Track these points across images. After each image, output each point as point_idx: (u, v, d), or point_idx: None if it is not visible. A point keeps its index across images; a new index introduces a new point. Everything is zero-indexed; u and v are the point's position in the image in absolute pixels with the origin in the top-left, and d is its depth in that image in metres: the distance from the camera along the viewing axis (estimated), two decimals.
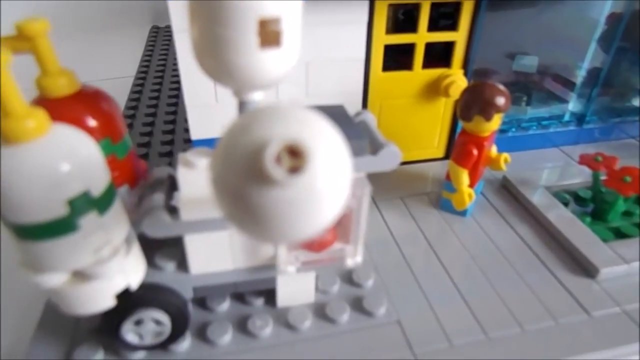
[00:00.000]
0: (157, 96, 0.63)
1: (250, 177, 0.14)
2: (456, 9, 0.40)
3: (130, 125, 0.55)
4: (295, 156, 0.14)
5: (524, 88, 0.52)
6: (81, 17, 0.98)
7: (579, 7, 0.49)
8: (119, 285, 0.24)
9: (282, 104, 0.16)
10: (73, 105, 0.24)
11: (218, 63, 0.20)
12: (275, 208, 0.15)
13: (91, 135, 0.24)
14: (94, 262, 0.22)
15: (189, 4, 0.20)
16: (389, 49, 0.40)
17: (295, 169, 0.14)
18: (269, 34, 0.19)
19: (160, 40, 0.86)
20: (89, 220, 0.21)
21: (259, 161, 0.14)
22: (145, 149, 0.50)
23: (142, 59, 0.77)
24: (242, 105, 0.22)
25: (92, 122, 0.25)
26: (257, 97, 0.22)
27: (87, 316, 0.24)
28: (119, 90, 0.66)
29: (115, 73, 0.76)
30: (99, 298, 0.23)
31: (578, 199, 0.42)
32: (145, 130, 0.54)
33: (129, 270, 0.24)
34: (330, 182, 0.15)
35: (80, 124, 0.24)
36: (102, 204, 0.22)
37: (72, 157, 0.20)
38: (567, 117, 0.52)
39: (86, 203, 0.21)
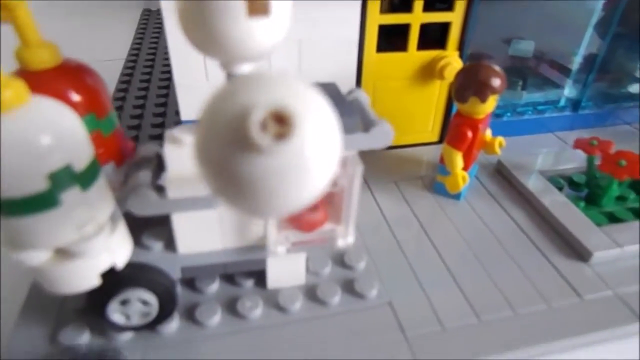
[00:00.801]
0: (148, 79, 0.62)
1: (235, 145, 0.14)
2: None
3: (120, 108, 0.54)
4: (281, 123, 0.14)
5: (520, 73, 0.52)
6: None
7: None
8: (104, 264, 0.23)
9: (268, 71, 0.15)
10: (55, 79, 0.23)
11: (205, 33, 0.19)
12: (261, 177, 0.14)
13: (75, 110, 0.23)
14: (78, 239, 0.21)
15: None
16: (384, 31, 0.40)
17: (281, 136, 0.13)
18: (257, 3, 0.18)
19: (151, 24, 0.85)
20: (71, 195, 0.20)
21: (244, 128, 0.13)
22: (136, 131, 0.50)
23: (133, 42, 0.75)
24: (230, 78, 0.22)
25: (75, 97, 0.24)
26: (245, 69, 0.21)
27: (73, 296, 0.24)
28: (110, 73, 0.64)
29: (106, 55, 0.75)
30: (84, 277, 0.23)
31: (572, 184, 0.41)
32: (136, 113, 0.53)
33: (115, 249, 0.23)
34: (318, 149, 0.14)
35: (62, 98, 0.23)
36: (84, 179, 0.21)
37: (53, 129, 0.19)
38: (562, 103, 0.52)
39: (68, 177, 0.20)
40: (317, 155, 0.14)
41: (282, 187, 0.14)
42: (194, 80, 0.36)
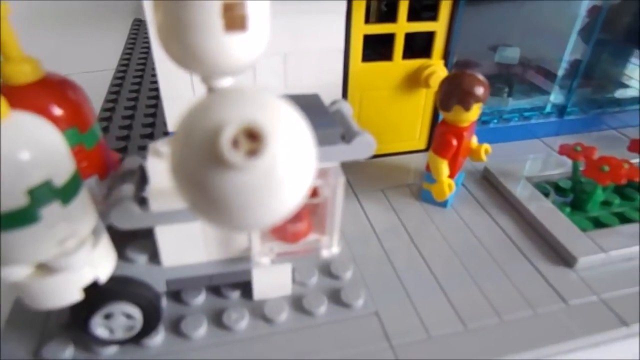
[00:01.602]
0: (137, 89, 0.62)
1: (208, 162, 0.14)
2: (437, 0, 0.40)
3: (109, 118, 0.54)
4: (253, 139, 0.14)
5: (506, 79, 0.52)
6: (63, 9, 0.96)
7: None
8: (86, 278, 0.23)
9: (242, 87, 0.15)
10: (36, 93, 0.24)
11: (183, 48, 0.19)
12: (234, 193, 0.14)
13: (57, 124, 0.23)
14: (59, 254, 0.22)
15: None
16: (370, 40, 0.40)
17: (253, 152, 0.14)
18: (234, 18, 0.19)
19: (142, 34, 0.85)
20: (51, 210, 0.20)
21: (216, 145, 0.13)
22: (124, 142, 0.50)
23: (123, 52, 0.75)
24: (210, 92, 0.22)
25: (57, 111, 0.24)
26: (225, 83, 0.22)
27: (58, 310, 0.24)
28: (99, 83, 0.65)
29: (96, 66, 0.75)
30: (65, 291, 0.23)
31: (558, 190, 0.42)
32: (125, 124, 0.53)
33: (97, 263, 0.23)
34: (291, 165, 0.14)
35: (44, 112, 0.24)
36: (65, 194, 0.21)
37: (32, 145, 0.19)
38: (548, 109, 0.52)
39: (48, 193, 0.20)
40: (289, 170, 0.14)
41: (255, 202, 0.14)
42: (181, 92, 0.37)
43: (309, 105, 0.27)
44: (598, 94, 0.54)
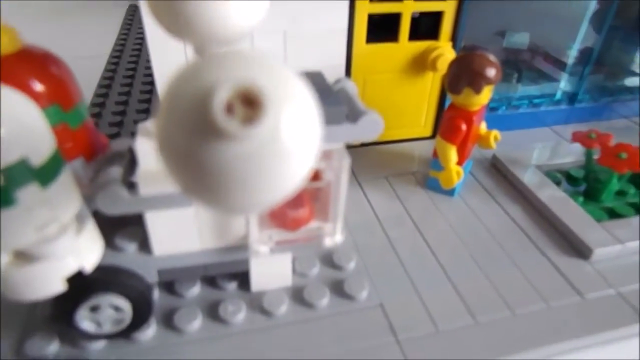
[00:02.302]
0: (132, 75, 0.60)
1: (198, 132, 0.12)
2: None
3: (102, 104, 0.52)
4: (250, 105, 0.12)
5: (515, 65, 0.50)
6: None
7: None
8: (69, 268, 0.21)
9: (236, 48, 0.13)
10: (13, 66, 0.22)
11: (175, 14, 0.18)
12: (231, 167, 0.12)
13: (37, 100, 0.21)
14: (38, 241, 0.20)
15: None
16: (374, 21, 0.38)
17: (250, 119, 0.12)
18: None
19: (137, 20, 0.83)
20: (28, 192, 0.18)
21: (207, 111, 0.12)
22: (117, 128, 0.48)
23: (118, 38, 0.73)
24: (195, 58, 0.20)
25: (37, 86, 0.22)
26: None
27: (40, 303, 0.22)
28: (94, 69, 0.62)
29: (91, 51, 0.73)
30: (47, 281, 0.21)
31: (570, 179, 0.40)
32: (118, 110, 0.51)
33: (82, 251, 0.22)
34: (293, 135, 0.12)
35: (22, 87, 0.22)
36: (44, 175, 0.19)
37: (6, 120, 0.18)
38: (558, 96, 0.50)
39: (24, 173, 0.18)
40: (292, 141, 0.12)
41: (255, 177, 0.13)
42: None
43: (312, 83, 0.25)
44: (609, 82, 0.52)
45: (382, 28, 0.39)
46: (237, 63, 0.13)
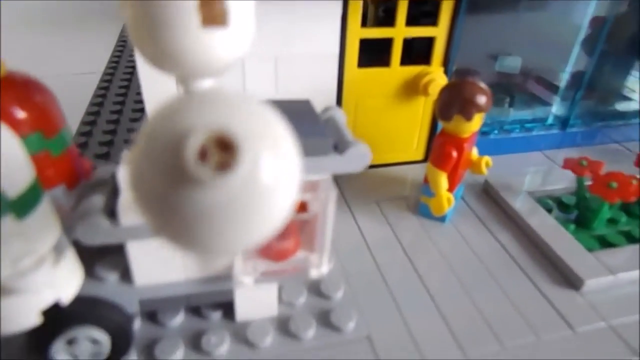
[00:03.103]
0: (124, 92, 0.60)
1: (171, 177, 0.12)
2: (437, 4, 0.38)
3: (93, 122, 0.52)
4: (224, 149, 0.11)
5: (507, 89, 0.51)
6: (55, 10, 0.94)
7: (563, 9, 0.48)
8: (45, 300, 0.21)
9: (216, 89, 0.13)
10: None
11: (157, 47, 0.17)
12: (203, 214, 0.12)
13: (19, 127, 0.21)
14: (13, 275, 0.19)
15: None
16: (367, 45, 0.38)
17: (225, 165, 0.11)
18: (212, 12, 0.16)
19: None
20: (3, 225, 0.18)
21: (180, 157, 0.11)
22: (107, 147, 0.47)
23: (112, 55, 0.73)
24: (181, 94, 0.20)
25: (20, 114, 0.22)
26: (205, 84, 0.19)
27: (15, 335, 0.21)
28: (87, 86, 0.62)
29: (86, 68, 0.73)
30: (22, 315, 0.20)
31: (561, 205, 0.40)
32: (109, 128, 0.51)
33: (59, 283, 0.21)
34: (270, 181, 0.12)
35: (4, 114, 0.21)
36: (21, 206, 0.19)
37: None
38: (550, 120, 0.50)
39: None
40: (270, 184, 0.12)
41: (228, 225, 0.12)
42: (164, 95, 0.34)
43: (299, 112, 0.25)
44: (601, 107, 0.53)
45: (375, 49, 0.39)
46: (213, 106, 0.12)
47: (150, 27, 0.17)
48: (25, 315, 0.20)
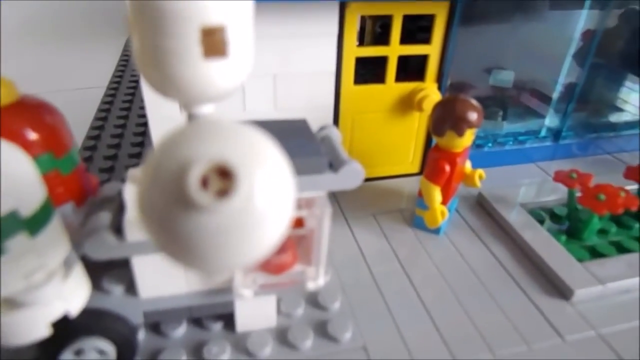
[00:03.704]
0: (128, 107, 0.61)
1: (175, 202, 0.13)
2: (431, 19, 0.39)
3: (97, 137, 0.53)
4: (224, 177, 0.13)
5: (501, 103, 0.52)
6: (58, 24, 0.96)
7: (555, 23, 0.49)
8: (55, 313, 0.22)
9: (216, 120, 0.14)
10: (11, 117, 0.22)
11: (162, 75, 0.19)
12: (204, 236, 0.13)
13: (31, 149, 0.22)
14: (25, 289, 0.20)
15: (129, 13, 0.18)
16: (363, 62, 0.39)
17: (224, 192, 0.13)
18: (214, 43, 0.18)
19: None
20: (17, 242, 0.19)
21: (183, 185, 0.12)
22: (111, 161, 0.48)
23: (115, 70, 0.75)
24: (191, 119, 0.21)
25: (32, 135, 0.23)
26: (206, 110, 0.21)
27: (23, 346, 0.22)
28: (91, 100, 0.64)
29: (89, 83, 0.75)
30: (33, 327, 0.21)
31: (554, 217, 0.41)
32: (113, 142, 0.52)
33: (68, 296, 0.22)
34: (265, 204, 0.13)
35: (18, 136, 0.23)
36: (33, 224, 0.20)
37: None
38: (543, 133, 0.52)
39: (14, 224, 0.19)
40: (264, 210, 0.13)
41: (227, 245, 0.13)
42: (167, 113, 0.35)
43: (296, 131, 0.26)
44: (593, 118, 0.54)
45: (371, 65, 0.41)
46: (213, 136, 0.13)
47: (156, 57, 0.18)
48: (36, 327, 0.21)
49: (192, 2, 0.17)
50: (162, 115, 0.36)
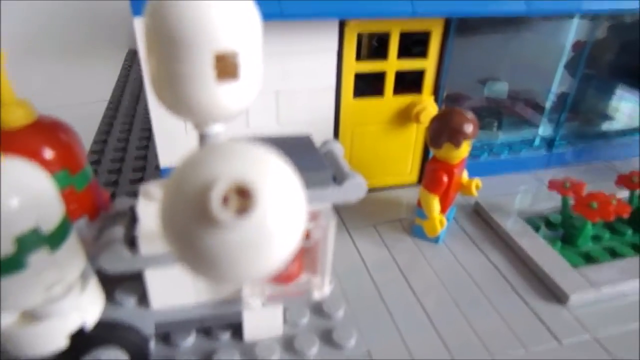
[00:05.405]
0: (130, 121, 0.62)
1: (197, 219, 0.14)
2: (427, 33, 0.41)
3: (101, 151, 0.54)
4: (243, 196, 0.14)
5: (496, 113, 0.53)
6: (58, 39, 0.97)
7: (548, 34, 0.51)
8: (72, 325, 0.23)
9: (233, 141, 0.15)
10: (29, 137, 0.24)
11: (176, 97, 0.20)
12: (223, 250, 0.14)
13: (48, 166, 0.23)
14: (45, 301, 0.21)
15: (144, 39, 0.19)
16: (361, 76, 0.41)
17: (243, 210, 0.14)
18: (226, 68, 0.19)
19: (136, 65, 0.86)
20: (39, 257, 0.20)
21: (205, 202, 0.13)
22: (116, 175, 0.49)
23: (116, 83, 0.76)
24: (202, 138, 0.22)
25: (49, 154, 0.24)
26: (217, 129, 0.22)
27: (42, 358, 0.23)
28: (93, 115, 0.65)
29: (91, 97, 0.75)
30: (51, 338, 0.22)
31: (549, 224, 0.42)
32: (117, 156, 0.53)
33: (84, 308, 0.23)
34: (281, 222, 0.14)
35: (36, 155, 0.24)
36: (53, 240, 0.21)
37: (22, 191, 0.19)
38: (537, 142, 0.53)
39: (36, 240, 0.20)
40: (279, 227, 0.14)
41: (244, 258, 0.14)
42: (173, 127, 0.37)
43: (301, 147, 0.27)
44: (585, 127, 0.55)
45: (369, 78, 0.42)
46: (232, 157, 0.14)
47: (171, 81, 0.19)
48: (54, 338, 0.22)
49: (206, 29, 0.18)
50: (168, 130, 0.37)
